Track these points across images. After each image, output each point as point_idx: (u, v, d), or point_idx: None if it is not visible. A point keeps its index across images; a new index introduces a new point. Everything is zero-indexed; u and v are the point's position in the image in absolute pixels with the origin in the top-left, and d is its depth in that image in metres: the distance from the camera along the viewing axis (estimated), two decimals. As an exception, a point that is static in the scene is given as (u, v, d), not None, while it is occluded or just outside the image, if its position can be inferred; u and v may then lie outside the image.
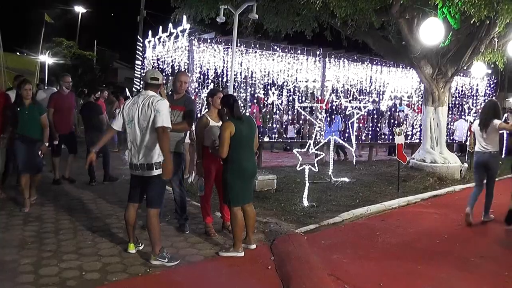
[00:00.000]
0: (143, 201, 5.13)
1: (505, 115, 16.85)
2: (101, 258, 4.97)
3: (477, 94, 17.24)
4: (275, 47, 12.02)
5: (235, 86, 11.15)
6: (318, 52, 12.64)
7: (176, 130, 5.80)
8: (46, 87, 8.12)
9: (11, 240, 5.36)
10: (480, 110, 7.80)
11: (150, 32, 13.43)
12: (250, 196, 5.48)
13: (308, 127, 13.40)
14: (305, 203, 7.68)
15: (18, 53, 30.52)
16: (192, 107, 6.17)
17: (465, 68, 11.99)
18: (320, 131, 11.63)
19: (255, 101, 12.81)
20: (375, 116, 14.76)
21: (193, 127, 6.62)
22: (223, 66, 11.86)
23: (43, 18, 27.79)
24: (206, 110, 6.16)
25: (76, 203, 7.29)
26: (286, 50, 12.21)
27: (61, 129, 8.35)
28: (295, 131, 14.41)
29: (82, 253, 5.07)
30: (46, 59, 29.15)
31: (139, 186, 5.04)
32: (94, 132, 8.57)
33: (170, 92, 6.41)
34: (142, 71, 14.47)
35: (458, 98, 17.10)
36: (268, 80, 12.73)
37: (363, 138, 14.47)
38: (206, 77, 11.37)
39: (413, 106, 15.41)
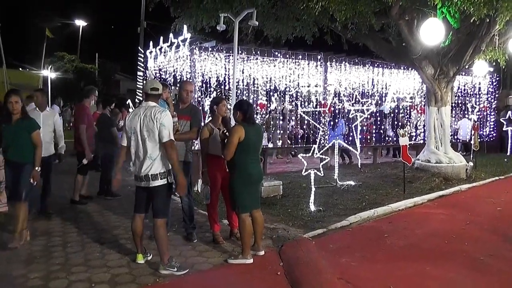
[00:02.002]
0: (149, 211, 5.14)
1: (509, 112, 16.87)
2: (110, 269, 4.97)
3: (479, 92, 17.22)
4: (276, 53, 12.05)
5: (238, 94, 11.16)
6: (319, 57, 12.66)
7: (184, 139, 5.85)
8: (50, 108, 7.69)
9: (19, 254, 5.36)
10: None
11: (151, 43, 13.49)
12: (257, 201, 5.50)
13: (278, 131, 13.26)
14: (312, 207, 7.67)
15: (20, 69, 30.74)
16: (198, 116, 6.23)
17: (466, 67, 12.00)
18: (324, 136, 11.64)
19: (260, 101, 12.74)
20: (379, 119, 14.75)
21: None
22: (225, 74, 11.88)
23: (44, 33, 27.98)
24: (210, 118, 6.19)
25: (82, 215, 7.31)
26: (287, 56, 12.23)
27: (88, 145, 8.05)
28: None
29: (90, 265, 5.07)
30: (49, 73, 29.32)
31: (145, 196, 5.05)
32: (106, 144, 8.56)
33: (174, 102, 6.44)
34: (144, 82, 14.52)
35: (461, 97, 17.08)
36: (270, 86, 12.75)
37: (368, 141, 14.48)
38: (208, 85, 11.41)
39: (416, 107, 15.40)
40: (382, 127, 14.98)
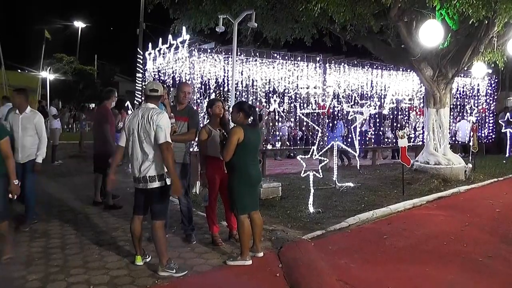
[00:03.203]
0: (148, 213, 5.13)
1: (507, 114, 16.90)
2: (109, 271, 4.96)
3: (478, 94, 17.23)
4: (275, 55, 12.04)
5: (237, 95, 11.16)
6: (318, 58, 12.66)
7: (182, 140, 5.84)
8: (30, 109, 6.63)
9: (18, 256, 5.34)
10: None
11: (150, 44, 13.49)
12: (256, 203, 5.50)
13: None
14: (311, 209, 7.67)
15: (19, 70, 30.73)
16: (196, 117, 6.23)
17: (465, 68, 11.99)
18: (322, 137, 11.63)
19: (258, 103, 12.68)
20: (377, 120, 14.76)
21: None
22: (224, 76, 11.89)
23: (43, 34, 27.97)
24: (208, 120, 6.21)
25: (81, 217, 7.29)
26: (286, 58, 12.23)
27: None
28: None
29: (89, 267, 5.06)
30: (47, 75, 29.30)
31: (143, 198, 5.05)
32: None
33: (173, 103, 6.44)
34: (143, 83, 14.51)
35: (459, 99, 17.09)
36: (269, 88, 12.74)
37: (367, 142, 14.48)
38: (207, 87, 11.40)
39: (415, 108, 15.41)
40: (381, 129, 14.98)
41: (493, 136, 17.47)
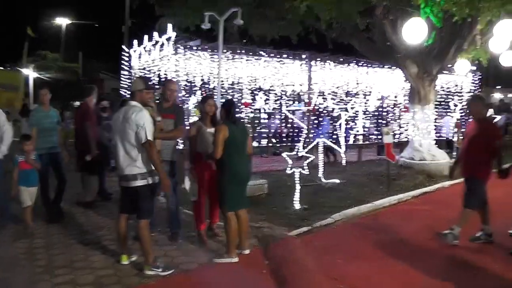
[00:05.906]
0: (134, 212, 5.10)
1: (491, 110, 17.04)
2: (95, 270, 4.93)
3: (462, 90, 17.39)
4: (261, 52, 12.04)
5: (223, 93, 11.14)
6: (304, 56, 12.67)
7: (169, 138, 5.83)
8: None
9: (2, 257, 5.29)
10: None
11: (135, 42, 13.40)
12: (243, 201, 5.51)
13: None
14: (297, 206, 7.69)
15: (1, 68, 30.32)
16: (182, 114, 6.23)
17: (449, 65, 12.10)
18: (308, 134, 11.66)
19: (245, 100, 12.66)
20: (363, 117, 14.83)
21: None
22: (210, 73, 11.85)
23: (26, 31, 27.64)
24: (200, 116, 6.25)
25: (66, 217, 7.22)
26: (272, 55, 12.22)
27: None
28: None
29: (75, 267, 5.03)
30: (31, 73, 28.95)
31: (128, 197, 5.03)
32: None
33: (158, 101, 6.40)
34: (128, 81, 14.41)
35: (443, 96, 17.23)
36: (255, 85, 12.73)
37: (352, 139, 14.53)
38: (193, 84, 11.35)
39: (399, 105, 15.50)
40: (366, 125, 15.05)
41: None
